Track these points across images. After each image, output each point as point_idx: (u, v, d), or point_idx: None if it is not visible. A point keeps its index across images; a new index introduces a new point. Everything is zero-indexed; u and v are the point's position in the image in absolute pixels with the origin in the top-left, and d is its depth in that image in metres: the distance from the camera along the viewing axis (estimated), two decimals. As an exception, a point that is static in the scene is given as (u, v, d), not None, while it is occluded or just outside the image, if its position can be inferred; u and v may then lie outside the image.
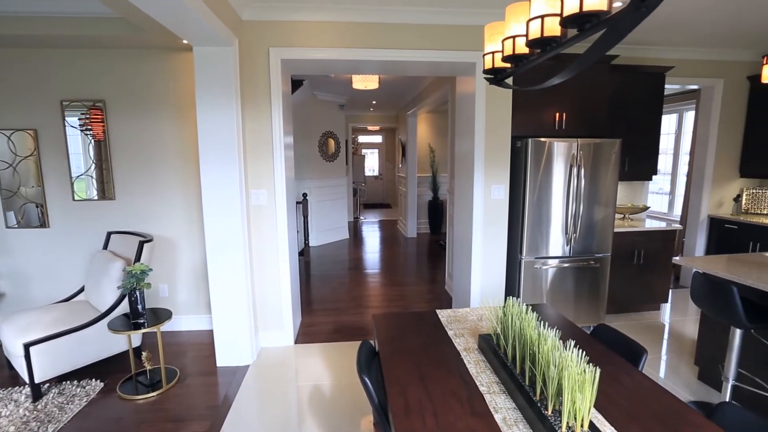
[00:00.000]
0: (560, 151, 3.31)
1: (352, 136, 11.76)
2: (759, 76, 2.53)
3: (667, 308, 4.24)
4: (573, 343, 1.26)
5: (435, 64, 3.28)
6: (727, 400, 2.35)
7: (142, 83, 3.47)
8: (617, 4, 3.00)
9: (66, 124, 3.46)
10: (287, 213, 3.31)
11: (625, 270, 3.89)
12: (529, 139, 3.27)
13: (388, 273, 5.62)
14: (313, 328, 3.80)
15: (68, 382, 2.86)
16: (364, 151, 13.66)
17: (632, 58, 4.20)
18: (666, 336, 3.62)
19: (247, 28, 3.04)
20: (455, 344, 1.77)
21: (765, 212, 4.50)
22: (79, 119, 3.46)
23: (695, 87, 4.75)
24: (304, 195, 6.08)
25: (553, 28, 1.26)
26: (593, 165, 3.39)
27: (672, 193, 6.61)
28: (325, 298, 4.63)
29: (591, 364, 1.14)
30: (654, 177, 4.29)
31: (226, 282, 3.02)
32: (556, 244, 3.44)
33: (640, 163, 4.10)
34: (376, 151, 13.73)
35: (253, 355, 3.17)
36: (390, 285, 5.08)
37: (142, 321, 2.72)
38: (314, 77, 5.90)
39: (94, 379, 2.90)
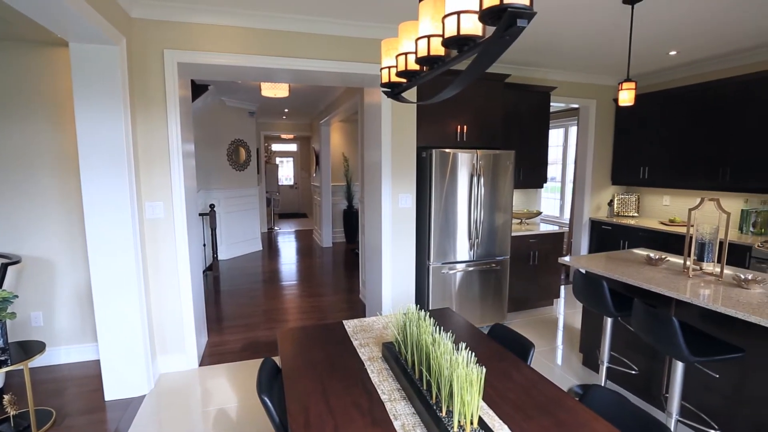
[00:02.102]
0: (462, 161, 3.53)
1: (265, 144, 11.40)
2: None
3: (560, 303, 4.70)
4: (464, 345, 1.33)
5: (345, 74, 3.31)
6: (603, 380, 2.67)
7: (6, 80, 3.00)
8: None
9: None
10: (188, 226, 3.08)
11: (522, 270, 4.25)
12: (434, 150, 3.44)
13: (303, 284, 5.50)
14: (220, 348, 3.56)
15: None
16: (278, 159, 13.29)
17: (523, 78, 4.65)
18: (561, 328, 4.01)
19: (137, 26, 2.80)
20: (360, 354, 1.78)
21: (631, 215, 5.24)
22: None
23: (576, 106, 5.39)
24: (212, 206, 5.72)
25: (439, 47, 1.35)
26: (493, 174, 3.66)
27: (562, 198, 7.41)
28: (236, 314, 4.39)
29: (479, 364, 1.22)
30: (546, 184, 4.77)
31: (115, 304, 2.71)
32: (462, 249, 3.65)
33: (533, 172, 4.53)
34: (291, 159, 13.45)
35: (149, 383, 2.88)
36: (305, 296, 4.98)
37: (3, 358, 2.33)
38: (221, 83, 5.61)
39: (-62, 433, 2.40)
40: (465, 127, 3.77)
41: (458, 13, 1.15)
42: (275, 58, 3.08)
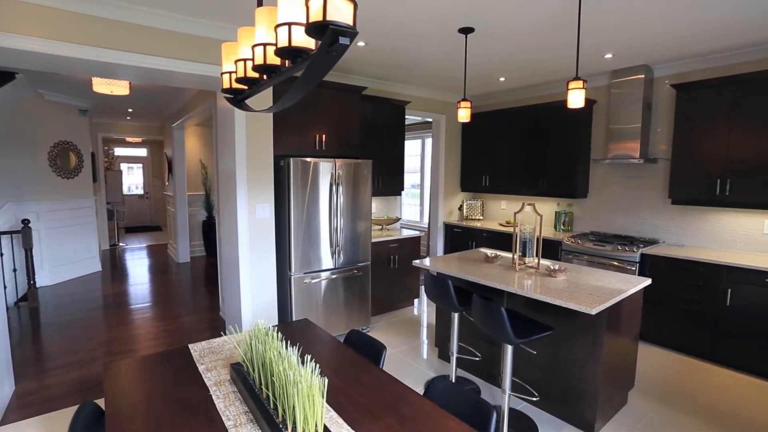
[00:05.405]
0: (322, 170, 3.55)
1: (106, 148, 9.89)
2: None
3: (422, 302, 5.05)
4: (310, 357, 1.32)
5: (196, 76, 3.06)
6: (454, 369, 2.94)
7: None
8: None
9: None
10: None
11: (384, 274, 4.46)
12: (292, 159, 3.38)
13: (156, 306, 4.87)
14: (35, 396, 2.92)
15: None
16: (126, 166, 11.62)
17: (381, 91, 4.91)
18: (424, 326, 4.29)
19: None
20: (205, 380, 1.63)
21: (477, 218, 5.94)
22: None
23: (430, 119, 5.90)
24: (26, 222, 4.69)
25: (275, 57, 1.32)
26: (353, 183, 3.76)
27: (422, 204, 8.03)
28: (62, 350, 3.65)
29: (323, 374, 1.22)
30: (407, 191, 5.09)
31: None
32: (324, 258, 3.66)
33: (391, 181, 4.80)
34: (141, 166, 11.88)
35: None
36: (157, 320, 4.41)
37: None
38: (35, 72, 4.65)
39: None
40: (324, 136, 3.81)
41: (289, 24, 1.14)
42: (113, 52, 2.68)
